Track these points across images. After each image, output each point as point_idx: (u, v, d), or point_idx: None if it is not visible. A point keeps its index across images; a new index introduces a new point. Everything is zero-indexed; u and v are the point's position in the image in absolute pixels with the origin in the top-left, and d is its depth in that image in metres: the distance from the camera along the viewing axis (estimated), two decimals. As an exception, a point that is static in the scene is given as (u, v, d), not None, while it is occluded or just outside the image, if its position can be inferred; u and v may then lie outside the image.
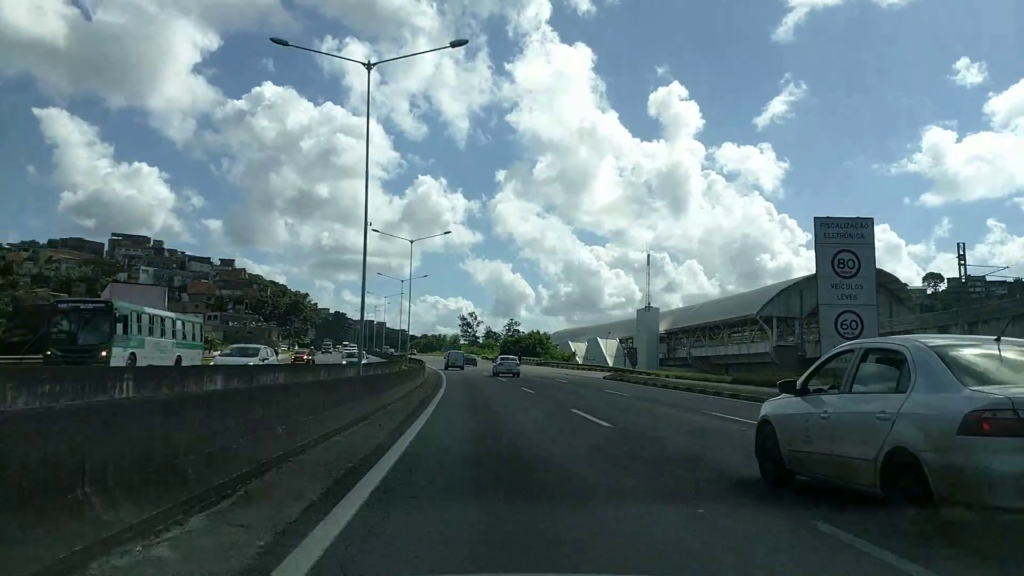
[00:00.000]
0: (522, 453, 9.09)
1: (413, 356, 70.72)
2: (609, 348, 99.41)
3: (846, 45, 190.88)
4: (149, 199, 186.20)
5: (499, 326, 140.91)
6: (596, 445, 10.26)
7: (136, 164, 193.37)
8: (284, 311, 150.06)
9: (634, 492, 6.50)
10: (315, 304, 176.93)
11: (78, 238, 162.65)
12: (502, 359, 51.33)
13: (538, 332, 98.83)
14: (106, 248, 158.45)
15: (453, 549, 4.39)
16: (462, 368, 57.35)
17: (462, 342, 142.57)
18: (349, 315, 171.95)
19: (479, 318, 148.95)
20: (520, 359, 56.01)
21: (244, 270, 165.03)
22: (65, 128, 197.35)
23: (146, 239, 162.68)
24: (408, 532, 4.69)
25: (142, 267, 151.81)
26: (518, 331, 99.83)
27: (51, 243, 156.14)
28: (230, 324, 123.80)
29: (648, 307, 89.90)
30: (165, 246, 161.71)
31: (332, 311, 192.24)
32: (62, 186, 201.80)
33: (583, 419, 14.87)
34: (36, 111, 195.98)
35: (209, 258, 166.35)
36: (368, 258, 57.75)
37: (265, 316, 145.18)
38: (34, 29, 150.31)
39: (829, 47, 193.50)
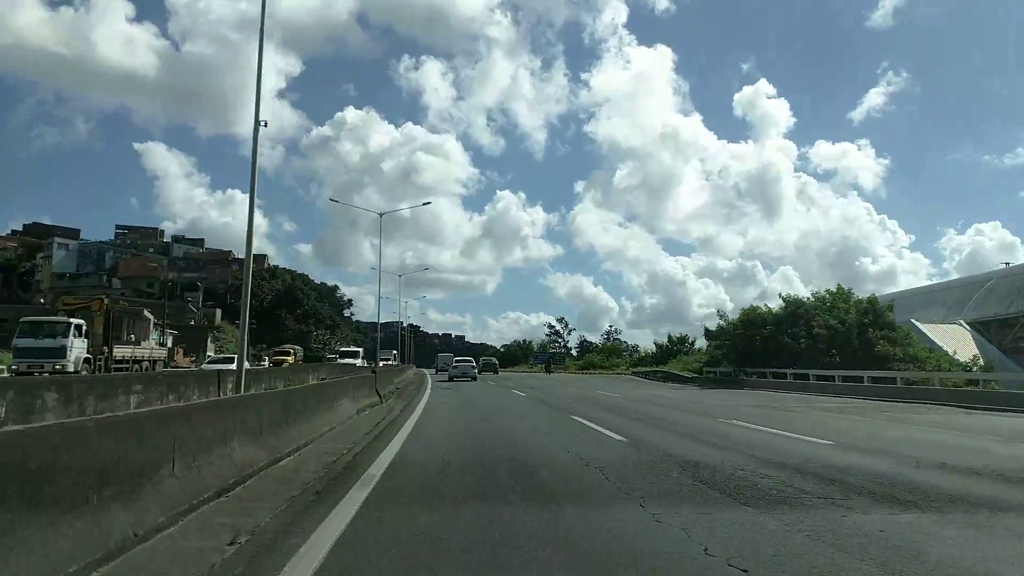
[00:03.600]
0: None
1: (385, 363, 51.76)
2: (953, 339, 40.28)
3: (951, 27, 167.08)
4: (244, 225, 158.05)
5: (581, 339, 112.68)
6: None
7: (230, 191, 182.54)
8: (268, 305, 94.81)
9: None
10: (346, 299, 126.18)
11: (42, 223, 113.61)
12: (457, 362, 43.02)
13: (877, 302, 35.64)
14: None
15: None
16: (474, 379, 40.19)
17: (551, 351, 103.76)
18: (424, 329, 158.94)
19: (570, 325, 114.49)
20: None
21: (230, 253, 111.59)
22: (164, 160, 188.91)
23: (159, 231, 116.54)
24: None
25: (57, 239, 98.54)
26: (757, 307, 37.73)
27: (13, 232, 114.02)
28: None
29: None
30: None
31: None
32: (163, 216, 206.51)
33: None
34: (137, 146, 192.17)
35: (203, 239, 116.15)
36: (452, 276, 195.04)
37: (235, 309, 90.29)
38: (127, 62, 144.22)
39: (933, 30, 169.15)
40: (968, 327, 44.56)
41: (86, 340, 29.03)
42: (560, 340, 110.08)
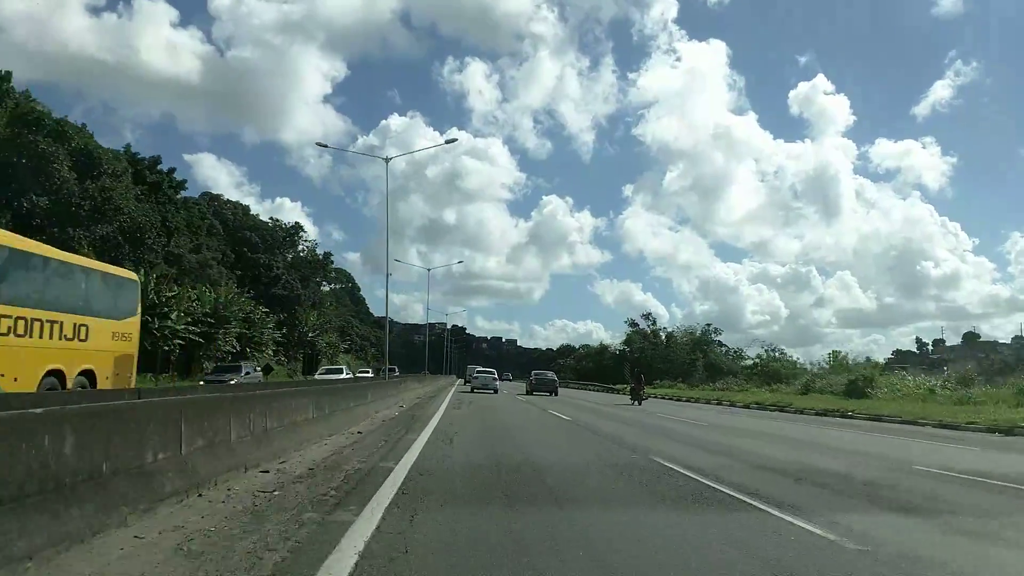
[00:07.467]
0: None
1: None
2: None
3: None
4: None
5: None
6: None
7: (279, 200, 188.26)
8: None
9: None
10: (317, 254, 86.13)
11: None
12: (478, 372, 46.27)
13: None
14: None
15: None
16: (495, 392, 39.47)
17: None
18: (471, 332, 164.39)
19: (659, 323, 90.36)
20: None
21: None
22: (213, 169, 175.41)
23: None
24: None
25: None
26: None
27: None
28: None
29: None
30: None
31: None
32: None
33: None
34: (187, 157, 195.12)
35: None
36: (498, 283, 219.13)
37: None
38: (172, 69, 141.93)
39: (1006, 16, 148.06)
40: None
41: None
42: (648, 341, 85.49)
